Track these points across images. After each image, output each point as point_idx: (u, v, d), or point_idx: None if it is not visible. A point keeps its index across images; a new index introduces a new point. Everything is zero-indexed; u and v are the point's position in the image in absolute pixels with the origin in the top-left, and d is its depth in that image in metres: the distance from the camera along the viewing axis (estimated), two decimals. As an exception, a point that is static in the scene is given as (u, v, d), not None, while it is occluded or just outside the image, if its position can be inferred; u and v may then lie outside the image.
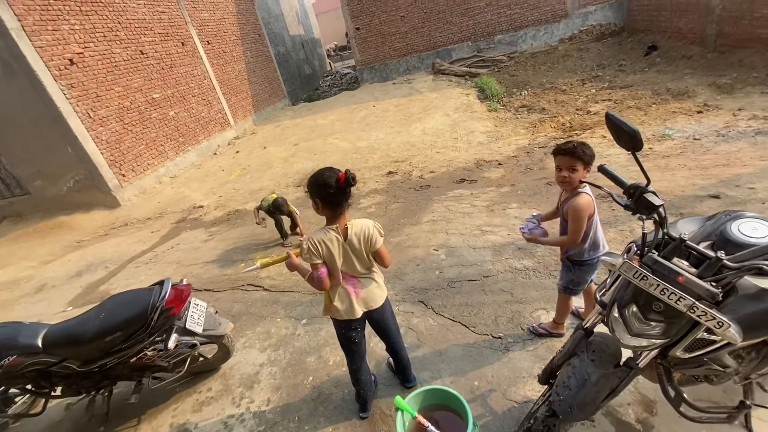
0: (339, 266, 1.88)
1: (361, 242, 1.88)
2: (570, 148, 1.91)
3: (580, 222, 1.96)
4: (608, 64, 10.34)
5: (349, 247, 1.88)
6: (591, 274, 2.21)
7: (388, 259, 2.00)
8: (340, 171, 1.79)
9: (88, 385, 2.45)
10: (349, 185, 1.77)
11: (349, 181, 1.75)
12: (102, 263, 5.48)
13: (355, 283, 1.98)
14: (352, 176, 1.76)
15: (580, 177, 1.94)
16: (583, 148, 1.90)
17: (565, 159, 1.93)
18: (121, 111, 8.13)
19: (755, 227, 1.34)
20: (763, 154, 4.33)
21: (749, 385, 1.64)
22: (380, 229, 1.94)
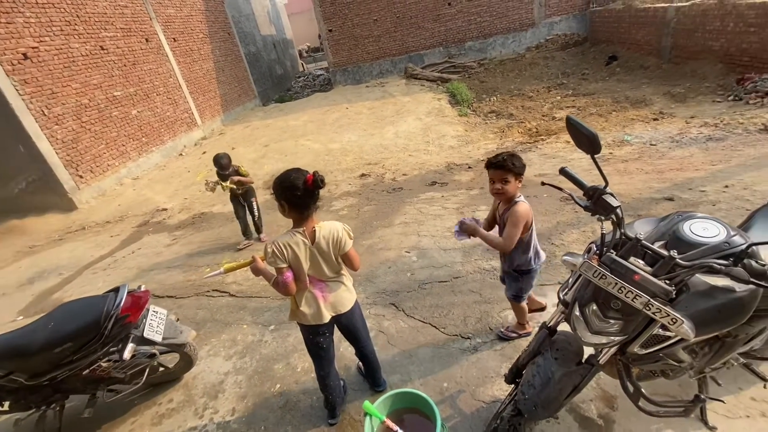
0: (305, 270, 1.83)
1: (329, 245, 1.83)
2: (500, 162, 1.96)
3: (516, 228, 1.99)
4: (572, 72, 10.78)
5: (316, 251, 1.83)
6: (535, 279, 2.30)
7: (358, 262, 1.96)
8: (308, 172, 1.74)
9: (38, 399, 2.27)
10: (317, 187, 1.72)
11: (317, 183, 1.70)
12: (56, 269, 5.14)
13: (323, 287, 1.93)
14: (321, 178, 1.72)
15: (513, 188, 2.00)
16: (512, 160, 1.96)
17: (497, 172, 1.98)
18: (79, 109, 7.69)
19: (705, 227, 1.40)
20: (713, 159, 4.62)
21: (703, 379, 1.72)
22: (350, 232, 1.89)
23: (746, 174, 4.10)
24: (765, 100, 6.06)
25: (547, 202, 4.26)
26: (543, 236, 3.64)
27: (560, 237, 3.59)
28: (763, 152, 4.53)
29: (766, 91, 6.21)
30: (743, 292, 1.28)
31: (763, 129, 5.15)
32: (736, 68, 7.41)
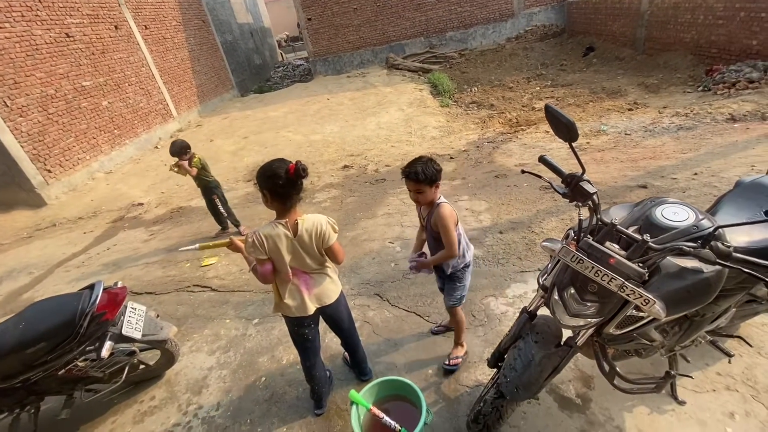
0: (287, 262, 1.82)
1: (312, 238, 1.81)
2: (411, 174, 1.89)
3: (451, 232, 1.95)
4: (551, 63, 10.93)
5: (298, 244, 1.81)
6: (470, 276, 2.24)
7: (341, 256, 1.94)
8: (290, 162, 1.71)
9: (11, 402, 2.18)
10: (299, 177, 1.69)
11: (299, 172, 1.67)
12: (26, 268, 4.94)
13: (307, 279, 1.92)
14: (303, 168, 1.69)
15: (430, 195, 1.95)
16: (424, 169, 1.87)
17: (410, 183, 1.93)
18: (45, 99, 7.32)
19: (676, 211, 1.46)
20: (683, 148, 4.79)
21: (674, 356, 1.80)
22: (334, 225, 1.87)
23: (714, 162, 4.28)
24: (732, 91, 6.31)
25: (528, 191, 4.34)
26: (523, 224, 3.72)
27: (540, 225, 3.67)
28: (730, 141, 4.72)
29: (732, 82, 6.46)
30: (710, 273, 1.34)
31: (730, 118, 5.37)
32: (706, 59, 7.67)
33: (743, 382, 1.97)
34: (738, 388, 1.95)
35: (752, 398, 1.89)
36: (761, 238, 1.55)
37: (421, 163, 1.90)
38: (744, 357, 2.08)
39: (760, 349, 2.11)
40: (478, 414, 1.77)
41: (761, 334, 2.19)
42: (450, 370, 2.30)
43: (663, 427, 1.84)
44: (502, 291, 2.91)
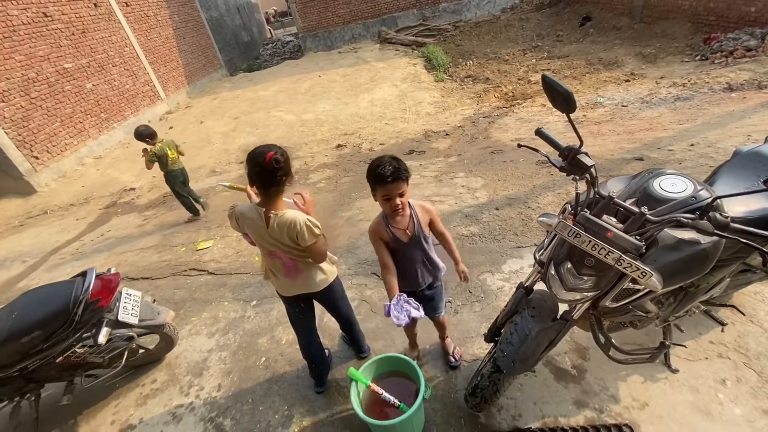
0: (266, 246, 1.78)
1: (285, 235, 1.71)
2: (393, 174, 1.57)
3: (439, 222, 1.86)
4: (547, 34, 10.66)
5: (269, 235, 1.73)
6: None
7: (319, 258, 1.81)
8: (277, 150, 1.62)
9: (10, 391, 2.19)
10: (273, 168, 1.58)
11: (272, 163, 1.57)
12: (19, 257, 4.89)
13: (289, 263, 1.83)
14: (276, 159, 1.58)
15: (409, 197, 1.71)
16: (401, 166, 1.60)
17: (393, 186, 1.59)
18: (26, 83, 7.08)
19: (674, 183, 1.43)
20: (680, 119, 4.74)
21: (668, 327, 1.82)
22: (313, 227, 1.69)
23: (710, 132, 4.24)
24: (729, 60, 6.20)
25: (524, 166, 4.30)
26: (519, 200, 3.70)
27: (536, 200, 3.65)
28: (726, 110, 4.67)
29: (730, 50, 6.34)
30: (707, 244, 1.33)
31: (727, 88, 5.30)
32: (704, 27, 7.50)
33: (735, 350, 2.01)
34: (730, 355, 1.99)
35: (744, 365, 1.93)
36: (759, 207, 1.54)
37: (391, 161, 1.60)
38: (736, 325, 2.12)
39: (753, 317, 2.15)
40: (476, 387, 1.80)
41: (754, 302, 2.22)
42: (458, 365, 2.20)
43: (656, 394, 1.88)
44: (499, 267, 2.91)
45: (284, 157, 1.63)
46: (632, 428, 1.76)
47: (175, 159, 4.38)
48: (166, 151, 4.25)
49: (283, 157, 1.62)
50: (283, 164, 1.62)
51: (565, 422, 1.85)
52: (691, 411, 1.79)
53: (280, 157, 1.60)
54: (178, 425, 2.26)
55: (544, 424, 1.86)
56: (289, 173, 1.69)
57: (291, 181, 1.72)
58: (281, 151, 1.63)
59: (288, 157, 1.66)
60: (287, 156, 1.66)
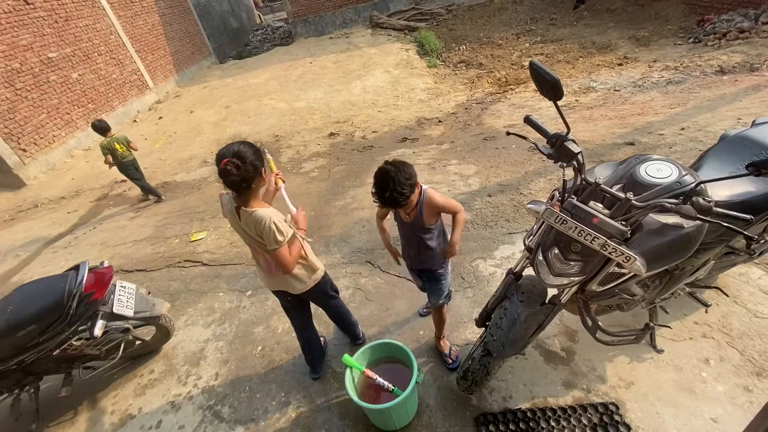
0: (244, 239, 1.77)
1: (253, 235, 1.67)
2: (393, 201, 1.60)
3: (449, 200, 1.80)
4: (541, 17, 10.54)
5: (243, 230, 1.70)
6: None
7: (286, 267, 1.68)
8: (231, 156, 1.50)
9: (9, 384, 2.22)
10: (226, 174, 1.48)
11: (225, 170, 1.47)
12: (11, 251, 4.86)
13: (270, 260, 1.80)
14: (226, 170, 1.47)
15: (417, 197, 1.70)
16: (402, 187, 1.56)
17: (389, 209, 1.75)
18: (10, 74, 6.91)
19: (659, 168, 1.45)
20: (672, 102, 4.75)
21: (654, 308, 1.87)
22: (280, 232, 1.59)
23: (701, 116, 4.26)
24: (722, 42, 6.19)
25: (516, 153, 4.31)
26: (511, 186, 3.72)
27: (528, 186, 3.67)
28: (718, 93, 4.69)
29: (723, 32, 6.32)
30: (690, 228, 1.36)
31: (719, 70, 5.30)
32: (698, 9, 7.46)
33: (719, 330, 2.07)
34: (714, 335, 2.05)
35: (727, 344, 1.99)
36: (742, 191, 1.57)
37: (391, 183, 1.55)
38: (720, 306, 2.17)
39: (736, 297, 2.20)
40: (467, 371, 1.84)
41: (738, 283, 2.28)
42: (456, 366, 2.13)
43: (642, 374, 1.94)
44: (491, 253, 2.95)
45: (244, 162, 1.49)
46: (618, 406, 1.82)
47: (124, 152, 4.85)
48: (114, 145, 4.75)
49: (242, 164, 1.49)
50: (240, 172, 1.49)
51: (554, 402, 1.90)
52: (675, 389, 1.85)
53: (233, 169, 1.47)
54: (177, 414, 2.30)
55: (534, 404, 1.91)
56: (251, 178, 1.55)
57: (262, 182, 1.63)
58: (240, 158, 1.49)
59: (251, 160, 1.52)
60: (250, 159, 1.51)
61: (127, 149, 4.87)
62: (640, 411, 1.80)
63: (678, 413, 1.76)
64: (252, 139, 6.46)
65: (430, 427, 1.93)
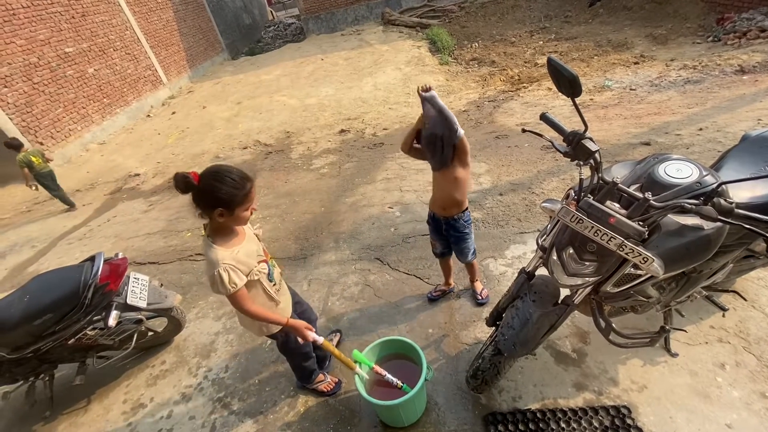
0: None
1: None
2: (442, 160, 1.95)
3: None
4: (555, 15, 10.39)
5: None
6: None
7: (239, 309, 1.56)
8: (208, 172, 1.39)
9: (25, 371, 2.27)
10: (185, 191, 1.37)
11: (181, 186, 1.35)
12: (28, 242, 4.97)
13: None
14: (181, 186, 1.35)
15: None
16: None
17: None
18: (29, 68, 7.05)
19: (679, 168, 1.42)
20: (689, 102, 4.65)
21: (669, 311, 1.84)
22: (222, 283, 1.42)
23: (720, 116, 4.17)
24: (742, 41, 6.03)
25: (528, 152, 4.27)
26: (524, 185, 3.68)
27: (540, 186, 3.63)
28: (737, 93, 4.57)
29: (743, 31, 6.16)
30: (711, 230, 1.33)
31: (739, 70, 5.17)
32: (717, 7, 7.28)
33: (736, 335, 2.02)
34: (730, 340, 2.00)
35: (743, 349, 1.95)
36: (765, 193, 1.53)
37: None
38: (738, 310, 2.13)
39: (755, 302, 2.15)
40: (477, 370, 1.83)
41: (756, 288, 2.23)
42: (484, 302, 2.50)
43: (655, 377, 1.91)
44: (502, 252, 2.93)
45: (179, 181, 1.33)
46: (630, 409, 1.79)
47: (41, 164, 5.19)
48: (30, 158, 5.09)
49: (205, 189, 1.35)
50: (198, 195, 1.37)
51: (565, 404, 1.88)
52: (689, 394, 1.82)
53: (180, 181, 1.33)
54: (188, 404, 2.33)
55: (544, 405, 1.90)
56: (212, 206, 1.38)
57: (228, 218, 1.42)
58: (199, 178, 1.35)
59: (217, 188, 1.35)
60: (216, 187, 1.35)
61: (43, 161, 5.22)
62: (653, 415, 1.77)
63: (692, 418, 1.73)
64: (264, 136, 6.54)
65: (439, 424, 1.93)
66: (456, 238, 2.23)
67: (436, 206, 2.20)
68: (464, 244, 2.26)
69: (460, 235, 2.21)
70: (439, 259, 2.51)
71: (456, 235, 2.22)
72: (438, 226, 2.27)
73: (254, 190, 1.47)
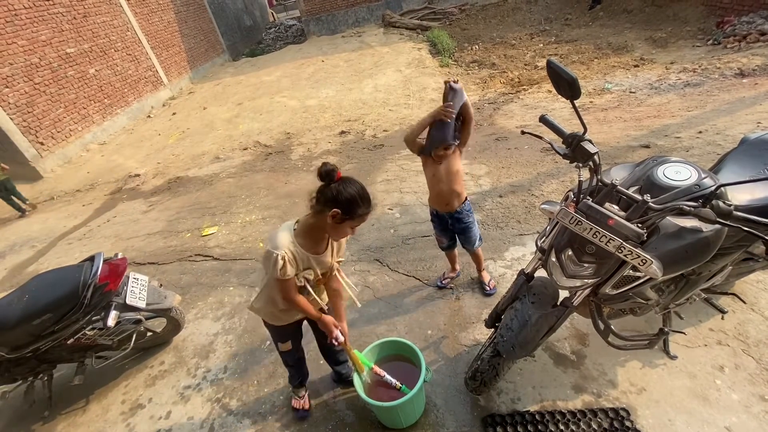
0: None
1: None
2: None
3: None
4: (555, 17, 10.42)
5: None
6: None
7: (283, 296, 1.60)
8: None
9: (24, 371, 2.28)
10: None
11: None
12: (28, 242, 4.97)
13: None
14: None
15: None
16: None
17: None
18: (30, 69, 7.07)
19: (678, 171, 1.43)
20: (689, 105, 4.66)
21: (668, 314, 1.84)
22: (272, 263, 1.46)
23: (719, 119, 4.17)
24: (742, 44, 6.04)
25: (528, 154, 4.27)
26: (523, 187, 3.69)
27: (540, 188, 3.64)
28: (737, 96, 4.58)
29: (743, 35, 6.17)
30: (709, 232, 1.33)
31: (739, 73, 5.18)
32: (717, 11, 7.29)
33: (735, 337, 2.02)
34: (729, 342, 2.00)
35: (742, 352, 1.95)
36: (763, 195, 1.53)
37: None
38: (737, 313, 2.13)
39: (754, 305, 2.15)
40: (476, 371, 1.83)
41: (756, 290, 2.23)
42: (492, 293, 2.57)
43: (654, 380, 1.91)
44: (501, 254, 2.93)
45: (345, 188, 1.41)
46: (629, 412, 1.79)
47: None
48: None
49: (341, 189, 1.41)
50: (330, 190, 1.43)
51: (563, 406, 1.88)
52: (688, 396, 1.81)
53: (329, 181, 1.42)
54: (186, 405, 2.33)
55: (543, 407, 1.89)
56: (333, 204, 1.42)
57: (335, 223, 1.46)
58: (347, 183, 1.43)
59: (352, 194, 1.42)
60: (351, 192, 1.42)
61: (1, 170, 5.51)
62: (651, 417, 1.77)
63: (691, 421, 1.72)
64: (264, 137, 6.56)
65: (437, 426, 1.92)
66: (462, 229, 2.33)
67: (439, 203, 2.27)
68: (470, 233, 2.35)
69: (466, 225, 2.32)
70: (445, 252, 2.61)
71: (461, 226, 2.32)
72: (443, 222, 2.35)
73: (367, 219, 1.52)
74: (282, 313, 1.76)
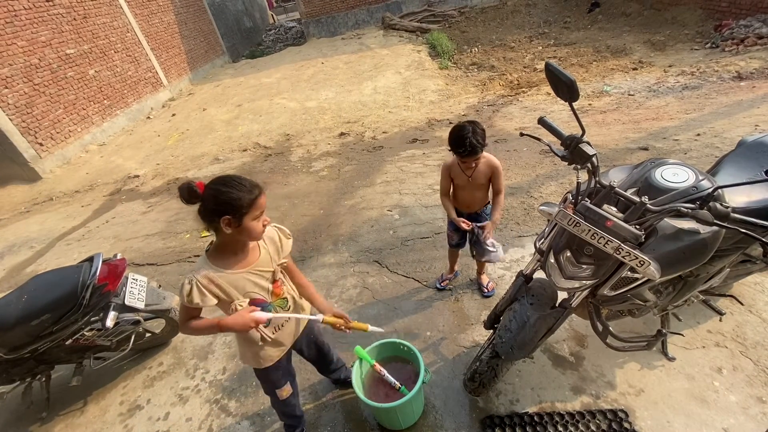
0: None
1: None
2: (471, 148, 1.88)
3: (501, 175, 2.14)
4: (554, 20, 10.46)
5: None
6: None
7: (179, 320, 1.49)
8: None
9: (21, 372, 2.27)
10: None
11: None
12: (26, 243, 4.96)
13: None
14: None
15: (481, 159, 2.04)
16: (478, 137, 1.88)
17: (470, 158, 1.96)
18: (29, 69, 7.06)
19: (676, 173, 1.43)
20: (687, 108, 4.68)
21: (666, 315, 1.84)
22: (180, 289, 1.35)
23: (717, 122, 4.19)
24: (740, 47, 6.08)
25: (527, 156, 4.28)
26: (522, 189, 3.69)
27: (539, 189, 3.65)
28: (735, 99, 4.61)
29: (741, 38, 6.21)
30: (707, 234, 1.34)
31: (737, 76, 5.21)
32: (715, 14, 7.34)
33: (733, 339, 2.03)
34: (727, 344, 2.01)
35: (740, 354, 1.95)
36: (760, 198, 1.54)
37: (471, 135, 1.86)
38: (735, 315, 2.13)
39: (752, 307, 2.16)
40: (475, 373, 1.83)
41: (753, 292, 2.24)
42: (491, 294, 2.58)
43: (652, 381, 1.91)
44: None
45: (214, 192, 1.25)
46: (627, 413, 1.80)
47: None
48: None
49: (210, 195, 1.25)
50: (203, 204, 1.25)
51: (562, 407, 1.88)
52: (687, 398, 1.82)
53: (197, 198, 1.25)
54: (185, 406, 2.32)
55: (541, 408, 1.90)
56: (218, 214, 1.24)
57: (235, 228, 1.27)
58: (213, 186, 1.26)
59: (223, 192, 1.24)
60: (221, 191, 1.24)
61: None
62: (650, 419, 1.77)
63: (689, 422, 1.73)
64: (264, 138, 6.56)
65: (436, 427, 1.92)
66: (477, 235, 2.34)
67: (462, 205, 2.32)
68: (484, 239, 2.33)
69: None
70: (451, 249, 2.61)
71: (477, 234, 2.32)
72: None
73: (264, 198, 1.33)
74: (262, 349, 1.57)
